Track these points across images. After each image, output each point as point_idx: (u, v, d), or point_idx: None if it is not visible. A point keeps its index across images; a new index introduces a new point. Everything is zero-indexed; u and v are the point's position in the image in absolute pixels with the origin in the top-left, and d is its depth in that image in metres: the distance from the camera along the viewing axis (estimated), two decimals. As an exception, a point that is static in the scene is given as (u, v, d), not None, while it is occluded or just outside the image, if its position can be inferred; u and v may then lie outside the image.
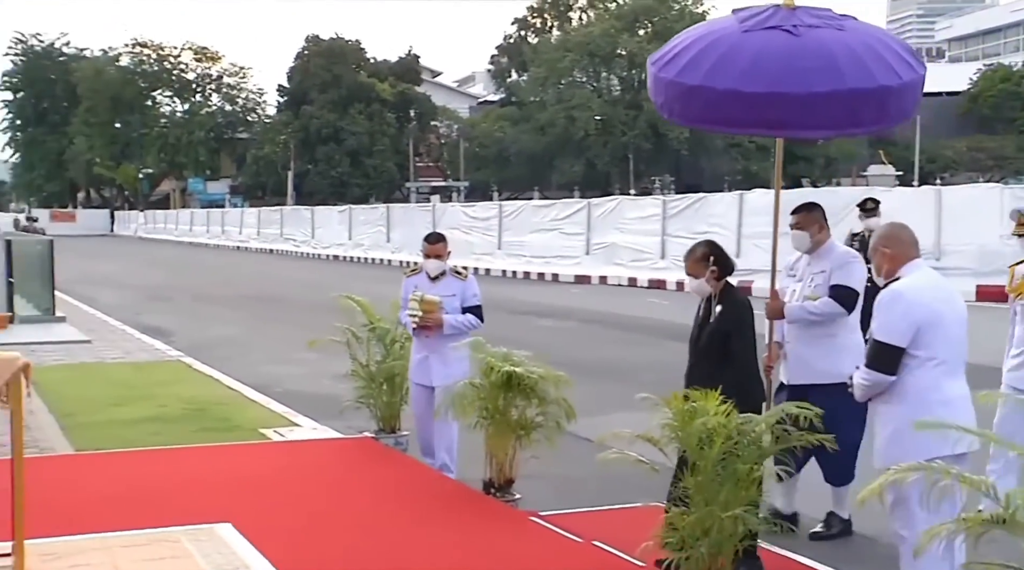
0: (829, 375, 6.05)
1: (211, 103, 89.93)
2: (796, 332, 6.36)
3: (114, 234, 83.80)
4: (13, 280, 17.33)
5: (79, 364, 13.33)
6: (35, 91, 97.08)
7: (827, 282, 6.30)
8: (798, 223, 6.49)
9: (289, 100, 77.10)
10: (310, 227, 50.66)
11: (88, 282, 28.54)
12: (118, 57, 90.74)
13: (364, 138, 71.43)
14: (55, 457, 8.07)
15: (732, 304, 5.90)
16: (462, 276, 7.79)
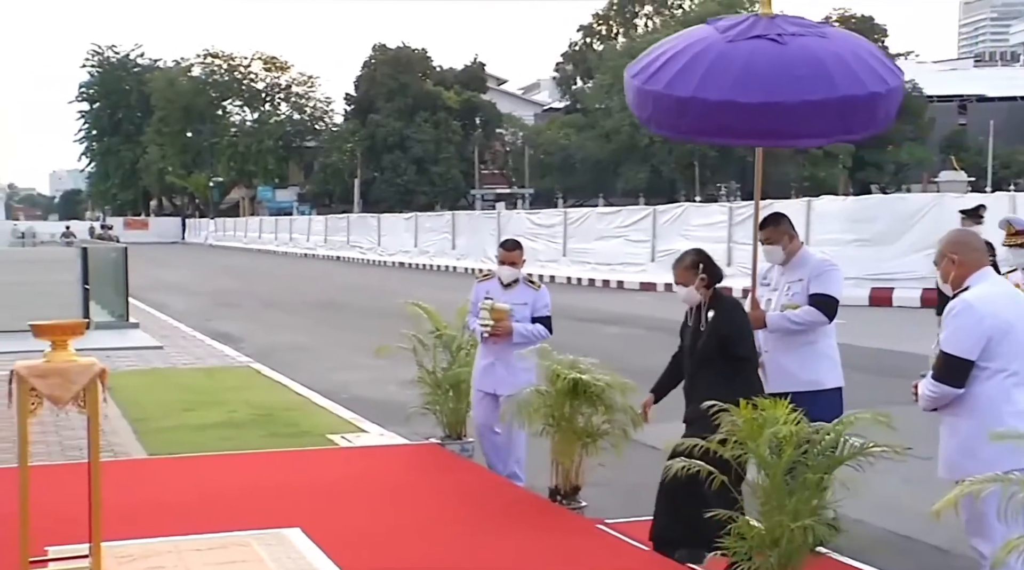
0: (810, 383, 5.99)
1: (280, 112, 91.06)
2: (775, 341, 6.23)
3: (185, 242, 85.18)
4: (89, 287, 17.72)
5: (152, 369, 13.55)
6: (110, 102, 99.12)
7: (805, 291, 6.16)
8: (768, 238, 6.32)
9: (356, 108, 77.78)
10: (376, 234, 51.02)
11: (160, 289, 29.03)
12: (190, 68, 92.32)
13: (430, 146, 71.81)
14: (129, 461, 8.21)
15: (724, 308, 5.87)
16: (535, 285, 7.78)
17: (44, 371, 4.86)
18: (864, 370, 13.85)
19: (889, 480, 6.31)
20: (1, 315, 16.35)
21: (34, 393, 4.85)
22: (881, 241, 23.71)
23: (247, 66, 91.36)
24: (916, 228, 23.04)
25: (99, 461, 5.00)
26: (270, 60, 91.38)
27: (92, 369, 4.93)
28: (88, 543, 4.99)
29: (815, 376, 6.05)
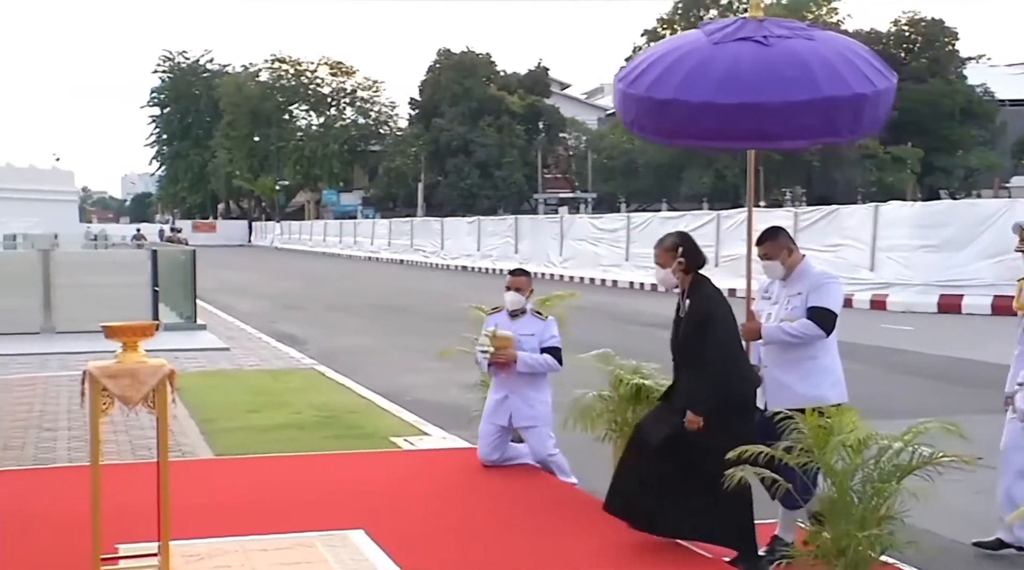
0: (810, 399, 5.72)
1: (345, 116, 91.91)
2: (774, 356, 6.06)
3: (251, 244, 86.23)
4: (158, 289, 18.01)
5: (218, 371, 13.72)
6: (180, 107, 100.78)
7: (804, 304, 5.99)
8: (766, 253, 6.14)
9: (420, 113, 78.24)
10: (439, 238, 51.25)
11: (227, 291, 29.42)
12: (258, 73, 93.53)
13: (493, 150, 71.97)
14: (197, 461, 8.33)
15: (702, 295, 5.82)
16: (542, 316, 7.71)
17: (115, 372, 4.94)
18: (933, 378, 13.63)
19: (959, 490, 6.19)
20: (74, 316, 16.72)
21: (106, 393, 4.94)
22: (950, 247, 23.30)
23: (314, 71, 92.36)
24: (987, 234, 22.60)
25: (168, 461, 5.08)
26: (336, 65, 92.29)
27: (162, 370, 5.01)
28: (157, 542, 5.08)
29: (817, 392, 5.85)
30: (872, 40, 68.42)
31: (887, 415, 8.40)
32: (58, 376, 12.94)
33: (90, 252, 33.13)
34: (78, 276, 17.47)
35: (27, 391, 11.79)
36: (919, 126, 62.30)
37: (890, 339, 17.69)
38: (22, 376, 13.02)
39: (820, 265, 6.44)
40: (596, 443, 6.99)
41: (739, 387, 5.75)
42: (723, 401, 5.65)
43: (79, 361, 13.91)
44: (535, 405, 7.54)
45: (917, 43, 68.92)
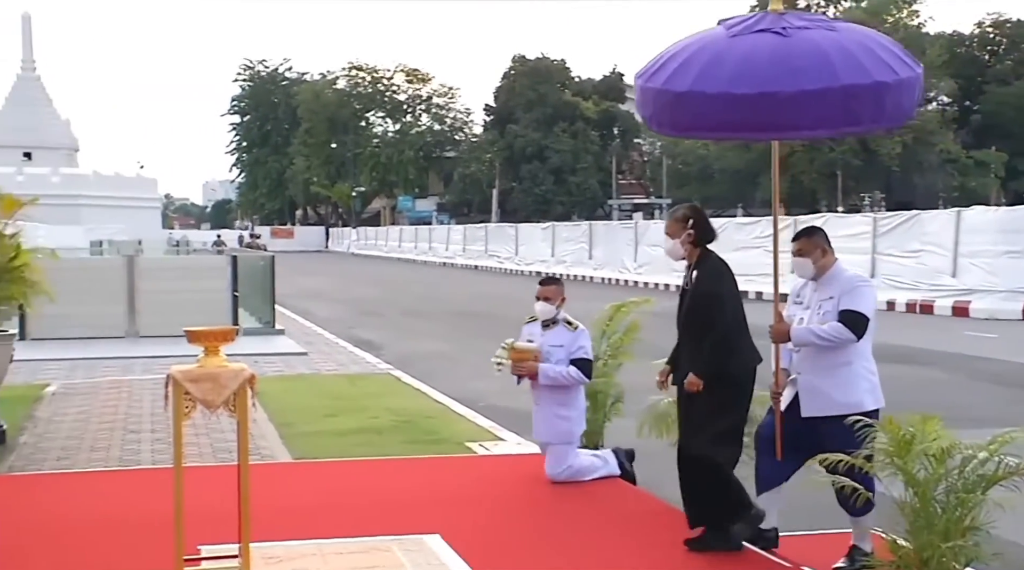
0: (847, 406, 5.65)
1: (421, 123, 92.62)
2: (809, 362, 5.91)
3: (328, 250, 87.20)
4: (238, 294, 18.29)
5: (296, 375, 13.89)
6: (260, 114, 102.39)
7: (836, 308, 5.84)
8: (799, 250, 6.02)
9: (495, 119, 78.56)
10: (514, 244, 51.35)
11: (304, 296, 29.78)
12: (335, 80, 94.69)
13: (568, 156, 72.00)
14: (276, 464, 8.43)
15: (709, 268, 5.77)
16: (572, 327, 7.55)
17: (197, 376, 5.03)
18: (1018, 386, 13.30)
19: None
20: (157, 320, 17.04)
21: (188, 397, 5.02)
22: (1036, 253, 22.78)
23: (390, 78, 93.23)
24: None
25: (248, 464, 5.15)
26: (412, 72, 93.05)
27: (242, 374, 5.08)
28: (237, 543, 5.15)
29: (854, 398, 5.73)
30: (955, 43, 67.22)
31: (970, 424, 8.23)
32: (142, 380, 13.21)
33: (172, 258, 33.83)
34: (161, 281, 17.81)
35: (113, 394, 12.05)
36: (1004, 129, 60.99)
37: (973, 346, 17.31)
38: (108, 379, 13.31)
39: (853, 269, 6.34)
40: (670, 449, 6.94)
41: (738, 363, 5.76)
42: (719, 377, 5.69)
43: (162, 365, 14.18)
44: (554, 422, 7.41)
45: (1002, 45, 67.49)
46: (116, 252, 32.15)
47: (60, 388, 12.51)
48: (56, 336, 16.48)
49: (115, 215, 65.39)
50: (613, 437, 8.14)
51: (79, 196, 69.17)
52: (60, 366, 14.55)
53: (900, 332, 19.58)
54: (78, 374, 13.89)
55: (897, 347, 17.48)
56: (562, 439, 7.45)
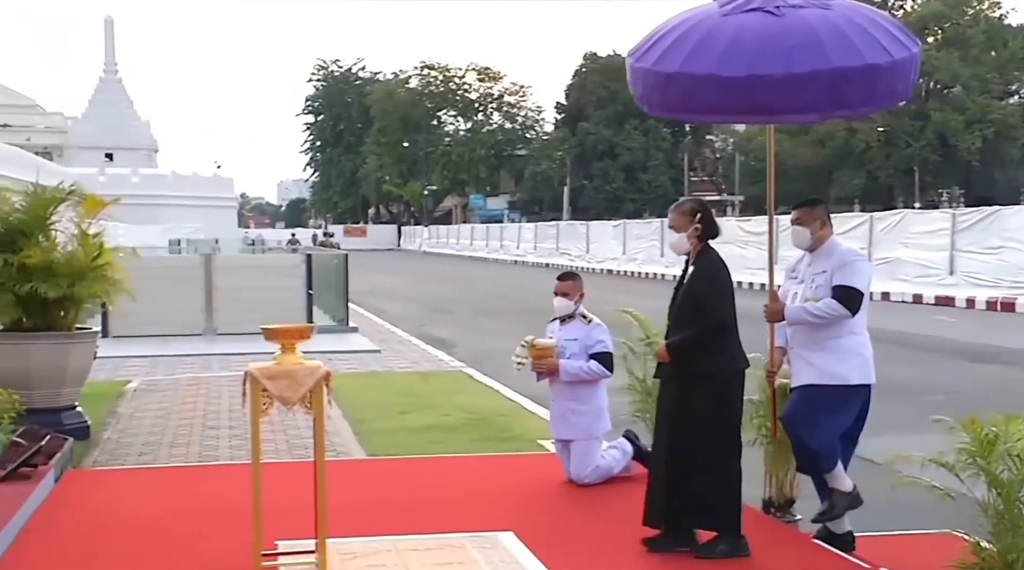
0: (828, 376, 5.71)
1: (492, 121, 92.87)
2: (801, 337, 5.89)
3: (400, 248, 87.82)
4: (312, 292, 18.50)
5: (370, 372, 14.00)
6: (333, 114, 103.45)
7: (828, 283, 5.80)
8: (798, 219, 6.01)
9: (566, 117, 78.47)
10: (585, 242, 51.26)
11: (377, 294, 30.02)
12: (408, 79, 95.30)
13: (639, 153, 71.67)
14: (350, 461, 8.51)
15: (706, 263, 5.67)
16: (587, 320, 7.47)
17: (274, 373, 5.09)
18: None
19: None
20: (233, 318, 17.32)
21: (265, 394, 5.09)
22: (1123, 248, 22.17)
23: (462, 77, 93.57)
24: None
25: (324, 460, 5.20)
26: (484, 70, 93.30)
27: (318, 372, 5.13)
28: (314, 539, 5.20)
29: (839, 370, 5.74)
30: (1038, 33, 65.52)
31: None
32: (219, 376, 13.43)
33: (248, 256, 34.38)
34: (237, 280, 18.07)
35: (192, 391, 12.26)
36: (1087, 122, 59.35)
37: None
38: (187, 376, 13.55)
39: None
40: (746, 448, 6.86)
41: (722, 363, 5.65)
42: (703, 376, 5.60)
43: (238, 362, 14.41)
44: (569, 417, 7.33)
45: (1086, 36, 65.63)
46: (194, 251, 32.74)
47: (141, 385, 12.77)
48: (137, 333, 16.81)
49: (192, 214, 66.52)
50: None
51: (158, 196, 70.45)
52: (141, 363, 14.84)
53: (981, 331, 19.18)
54: (158, 371, 14.16)
55: (978, 346, 17.11)
56: (579, 435, 7.30)
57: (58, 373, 8.91)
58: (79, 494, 7.24)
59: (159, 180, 75.42)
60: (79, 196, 9.47)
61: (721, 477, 5.64)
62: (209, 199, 76.56)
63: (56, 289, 8.81)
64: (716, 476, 5.62)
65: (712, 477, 5.62)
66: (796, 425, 5.77)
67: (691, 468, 5.65)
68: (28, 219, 9.12)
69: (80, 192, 9.53)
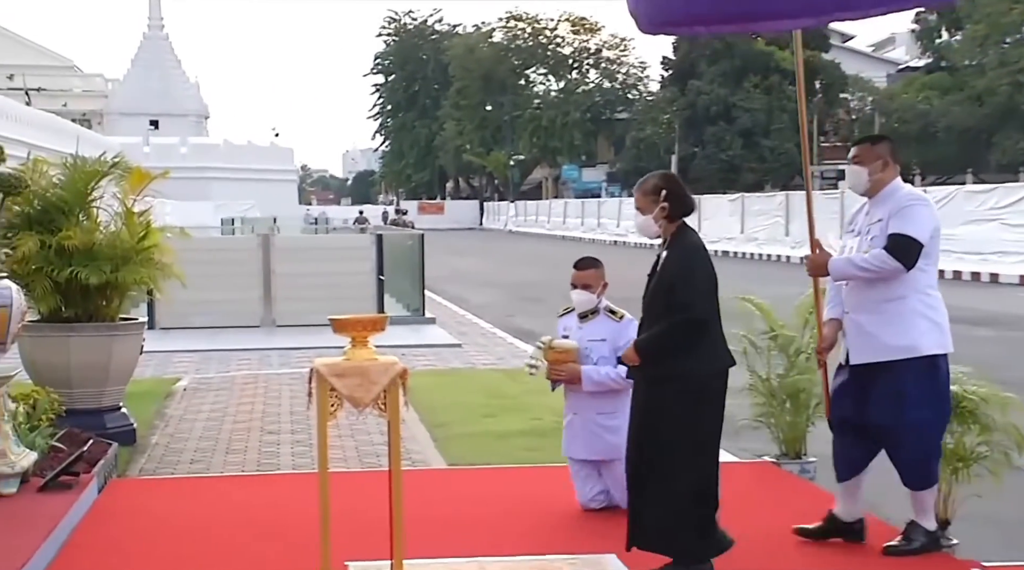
0: (899, 349, 5.59)
1: (588, 80, 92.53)
2: (855, 298, 5.81)
3: (483, 227, 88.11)
4: (383, 277, 18.66)
5: (449, 370, 14.10)
6: (406, 73, 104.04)
7: (884, 232, 5.69)
8: (857, 156, 5.93)
9: (674, 74, 77.81)
10: (696, 218, 50.79)
11: (457, 280, 30.19)
12: (491, 33, 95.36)
13: (760, 115, 70.77)
14: (428, 471, 8.59)
15: (678, 248, 5.60)
16: (616, 316, 7.16)
17: (344, 370, 5.14)
18: None
19: None
20: (294, 308, 17.58)
21: (333, 394, 5.15)
22: None
23: (553, 29, 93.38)
24: None
25: (400, 470, 5.25)
26: (579, 22, 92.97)
27: (393, 368, 5.18)
28: (389, 560, 5.25)
29: (906, 340, 5.65)
30: None
31: None
32: (279, 374, 13.64)
33: (310, 237, 34.77)
34: (298, 264, 18.28)
35: (249, 390, 12.48)
36: None
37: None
38: (243, 374, 13.78)
39: None
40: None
41: (698, 361, 5.55)
42: (673, 378, 5.54)
43: (300, 358, 14.64)
44: (598, 434, 6.97)
45: None
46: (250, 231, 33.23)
47: (192, 383, 13.03)
48: (186, 325, 17.16)
49: (247, 189, 67.63)
50: (818, 443, 7.98)
51: (209, 168, 71.79)
52: (191, 358, 15.14)
53: None
54: (211, 367, 14.44)
55: None
56: (617, 454, 6.61)
57: (100, 369, 9.12)
58: (125, 505, 7.42)
59: (210, 150, 76.77)
60: (123, 169, 9.65)
61: (679, 495, 5.56)
62: (266, 172, 77.76)
63: (98, 274, 8.99)
64: (674, 493, 5.55)
65: (670, 494, 5.56)
66: (887, 432, 5.79)
67: (650, 482, 5.61)
68: (67, 195, 9.32)
69: (124, 164, 9.72)
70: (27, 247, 8.79)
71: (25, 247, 8.77)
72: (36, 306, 9.08)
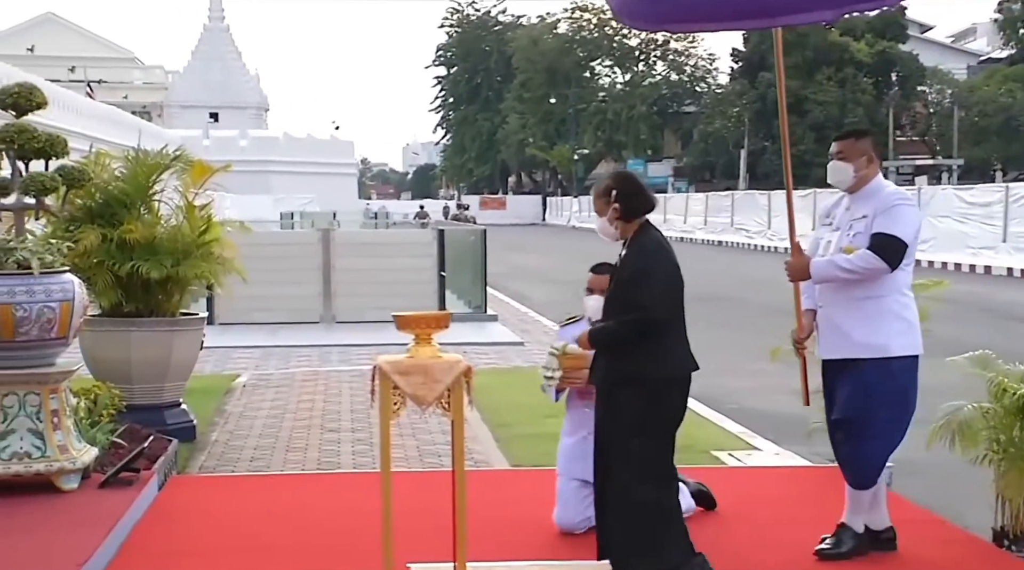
0: (871, 348, 5.58)
1: (655, 72, 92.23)
2: (830, 294, 5.76)
3: (545, 223, 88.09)
4: (445, 274, 18.72)
5: (512, 368, 14.11)
6: (469, 65, 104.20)
7: (868, 230, 5.63)
8: (841, 152, 5.92)
9: (744, 66, 77.38)
10: (766, 215, 50.53)
11: (519, 276, 30.24)
12: (556, 24, 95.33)
13: (833, 109, 70.20)
14: (491, 471, 8.62)
15: (638, 246, 5.50)
16: None
17: (407, 368, 5.17)
18: None
19: None
20: (354, 304, 17.70)
21: (396, 392, 5.17)
22: None
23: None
24: None
25: (464, 471, 5.26)
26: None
27: (457, 367, 5.20)
28: (452, 562, 5.27)
29: (879, 339, 5.64)
30: None
31: None
32: (339, 371, 13.73)
33: (370, 232, 34.97)
34: (359, 259, 18.40)
35: (309, 387, 12.58)
36: None
37: None
38: (303, 370, 13.90)
39: None
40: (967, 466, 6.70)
41: (657, 365, 5.45)
42: (629, 381, 5.45)
43: (360, 355, 14.73)
44: None
45: None
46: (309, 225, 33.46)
47: (252, 379, 13.16)
48: (246, 321, 17.32)
49: (307, 183, 68.09)
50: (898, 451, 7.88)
51: (268, 161, 72.38)
52: (250, 354, 15.30)
53: None
54: (270, 364, 14.58)
55: None
56: None
57: (161, 365, 9.24)
58: (185, 503, 7.51)
59: (270, 143, 77.41)
60: (184, 162, 9.77)
61: (634, 507, 5.49)
62: (326, 165, 78.27)
63: (159, 269, 9.12)
64: (628, 505, 5.49)
65: (624, 506, 5.50)
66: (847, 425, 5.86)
67: (608, 491, 5.57)
68: (129, 189, 9.46)
69: (186, 157, 9.84)
70: (89, 240, 8.95)
71: (87, 240, 8.93)
72: (97, 300, 9.23)
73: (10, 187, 7.37)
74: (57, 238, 8.11)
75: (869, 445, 5.87)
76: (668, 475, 5.69)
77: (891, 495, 7.64)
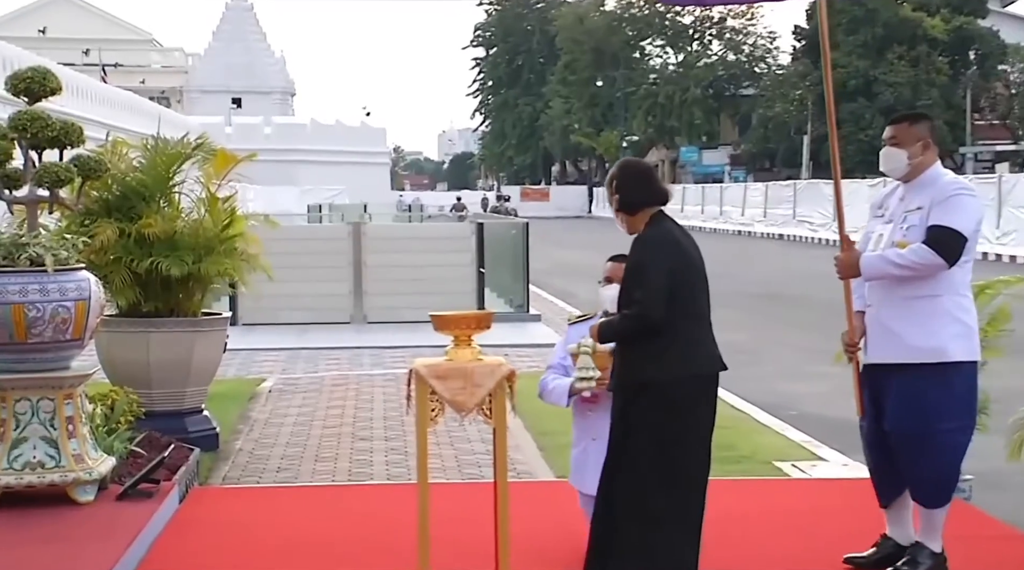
0: (926, 352, 5.48)
1: (710, 52, 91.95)
2: (879, 293, 5.68)
3: (592, 215, 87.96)
4: (484, 270, 18.72)
5: (557, 372, 14.07)
6: (509, 46, 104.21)
7: (924, 222, 5.53)
8: (894, 137, 5.77)
9: (808, 45, 76.85)
10: (831, 206, 50.22)
11: (563, 273, 30.18)
12: (603, 1, 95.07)
13: (904, 91, 69.68)
14: (535, 483, 8.64)
15: (638, 242, 5.45)
16: None
17: (445, 371, 5.19)
18: None
19: None
20: (387, 303, 17.73)
21: (434, 397, 5.19)
22: None
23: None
24: None
25: (507, 482, 5.28)
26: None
27: (500, 371, 5.22)
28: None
29: (934, 342, 5.53)
30: None
31: None
32: (371, 375, 13.77)
33: (404, 225, 34.98)
34: (392, 255, 18.40)
35: (339, 392, 12.63)
36: None
37: None
38: (333, 374, 13.95)
39: None
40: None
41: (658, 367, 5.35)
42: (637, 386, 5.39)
43: (394, 357, 14.78)
44: None
45: None
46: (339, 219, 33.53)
47: (278, 384, 13.22)
48: (271, 321, 17.39)
49: (336, 173, 68.34)
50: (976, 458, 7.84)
51: (295, 150, 72.69)
52: (276, 357, 15.37)
53: None
54: (297, 367, 14.64)
55: None
56: None
57: (182, 368, 9.28)
58: (208, 515, 7.56)
59: (296, 131, 77.73)
60: (207, 151, 9.79)
61: (644, 527, 5.36)
62: (356, 154, 78.51)
63: (180, 266, 9.15)
64: (637, 524, 5.37)
65: (633, 524, 5.38)
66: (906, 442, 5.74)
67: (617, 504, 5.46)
68: (148, 180, 9.47)
69: (208, 146, 9.85)
70: (105, 236, 8.96)
71: (104, 235, 8.94)
72: (114, 299, 9.26)
73: (23, 178, 7.39)
74: (72, 233, 8.15)
75: (934, 463, 5.78)
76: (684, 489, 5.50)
77: (972, 510, 7.62)
